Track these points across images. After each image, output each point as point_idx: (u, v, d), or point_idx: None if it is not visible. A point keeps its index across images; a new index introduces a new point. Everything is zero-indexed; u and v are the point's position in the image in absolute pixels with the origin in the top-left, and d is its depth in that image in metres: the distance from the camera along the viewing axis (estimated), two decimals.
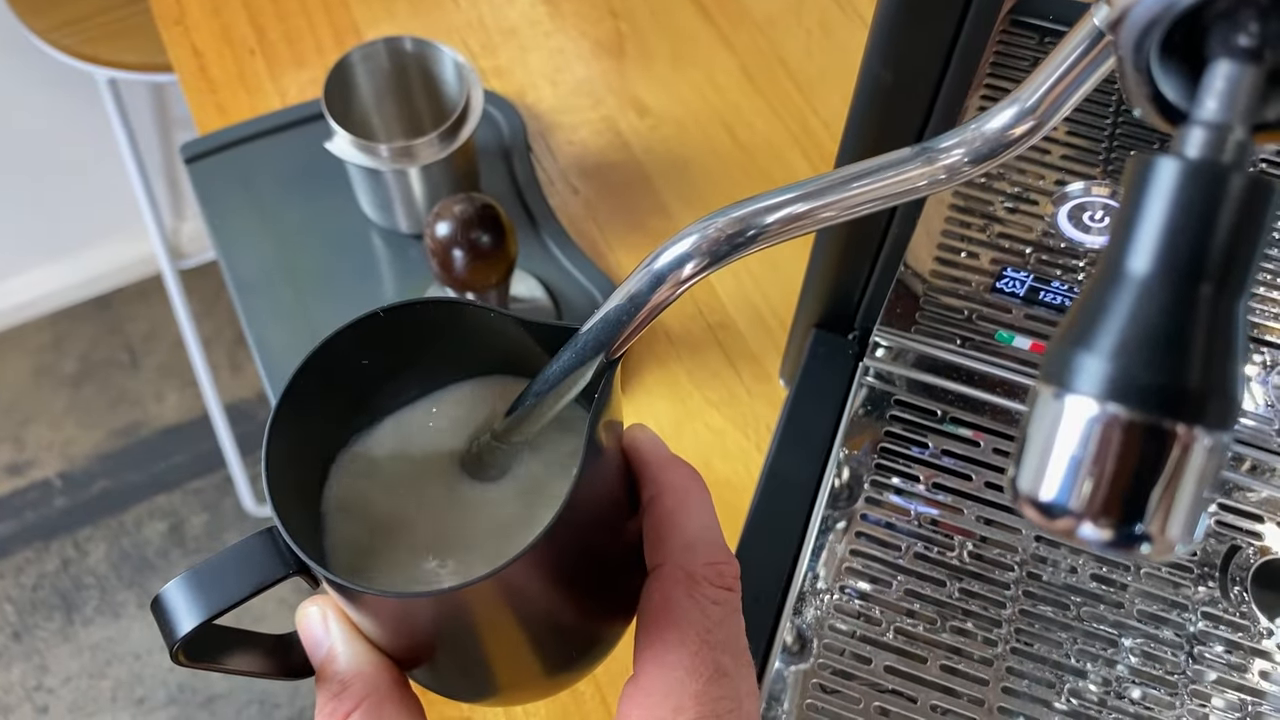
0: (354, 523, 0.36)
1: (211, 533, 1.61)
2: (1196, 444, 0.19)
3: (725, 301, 0.71)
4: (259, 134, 0.75)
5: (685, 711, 0.33)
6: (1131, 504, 0.19)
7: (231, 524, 1.61)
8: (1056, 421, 0.20)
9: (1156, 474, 0.19)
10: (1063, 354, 0.20)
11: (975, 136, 0.31)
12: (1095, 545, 0.20)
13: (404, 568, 0.35)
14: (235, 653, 0.35)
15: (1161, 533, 0.19)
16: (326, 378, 0.33)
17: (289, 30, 0.80)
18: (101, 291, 1.79)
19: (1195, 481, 0.19)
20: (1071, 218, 0.47)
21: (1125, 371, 0.19)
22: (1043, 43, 0.50)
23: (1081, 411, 0.20)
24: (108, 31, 1.15)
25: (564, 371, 0.33)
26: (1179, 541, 0.20)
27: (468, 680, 0.39)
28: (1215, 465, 0.19)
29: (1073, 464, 0.20)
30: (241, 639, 0.36)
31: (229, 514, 1.62)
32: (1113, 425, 0.19)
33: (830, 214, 0.31)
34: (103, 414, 1.70)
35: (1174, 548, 0.20)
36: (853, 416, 0.56)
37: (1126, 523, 0.19)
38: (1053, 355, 0.20)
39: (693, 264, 0.30)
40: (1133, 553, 0.20)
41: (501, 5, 0.83)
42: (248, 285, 0.71)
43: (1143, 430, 0.19)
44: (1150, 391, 0.19)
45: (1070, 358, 0.20)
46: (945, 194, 0.58)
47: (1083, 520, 0.20)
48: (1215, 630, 0.51)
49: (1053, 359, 0.20)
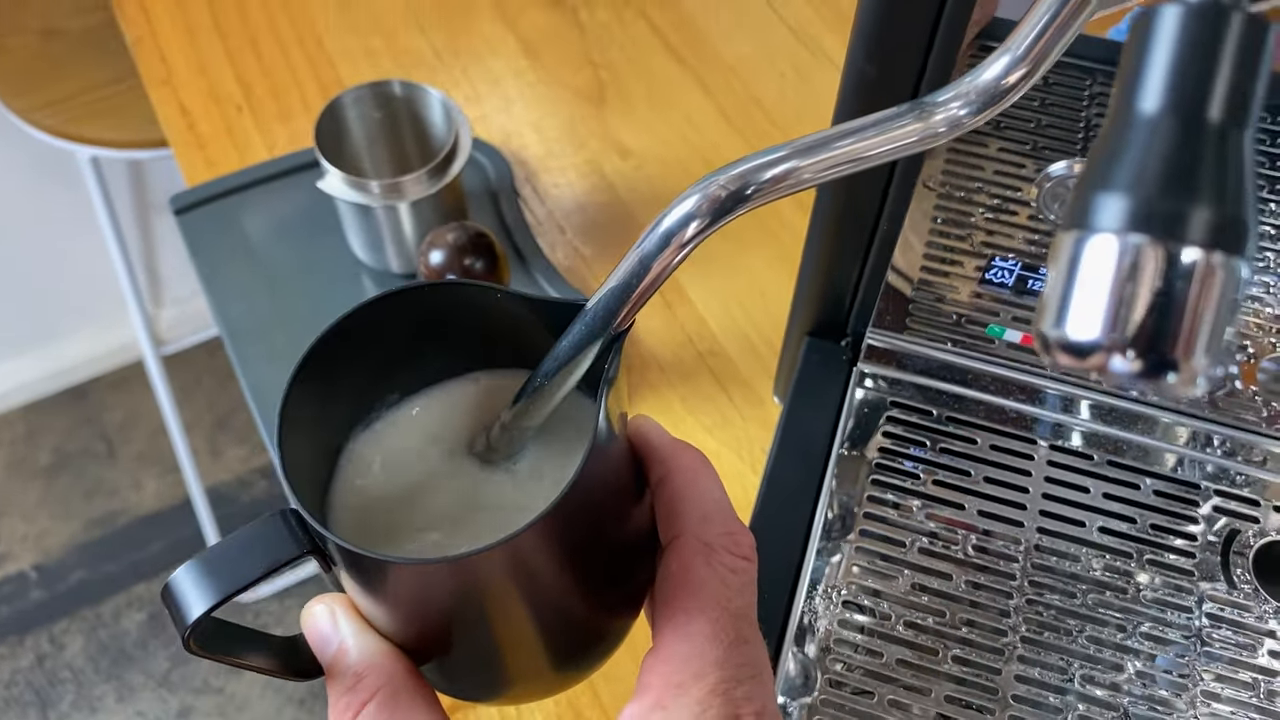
0: (362, 512, 0.36)
1: None
2: (1215, 268, 0.20)
3: (715, 330, 0.72)
4: (248, 184, 0.76)
5: (706, 677, 0.33)
6: (1157, 331, 0.20)
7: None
8: (1081, 262, 0.21)
9: (1179, 299, 0.20)
10: (1082, 199, 0.21)
11: (970, 89, 0.32)
12: (1126, 378, 0.20)
13: (412, 556, 0.34)
14: (245, 648, 0.35)
15: (1187, 359, 0.20)
16: (334, 366, 0.33)
17: (275, 86, 0.82)
18: (76, 382, 1.78)
19: (1215, 305, 0.20)
20: (1055, 198, 0.48)
21: (1143, 202, 0.20)
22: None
23: (1104, 247, 0.20)
24: (91, 110, 1.16)
25: (574, 346, 0.33)
26: (1204, 369, 0.20)
27: (477, 673, 0.38)
28: (1233, 290, 0.20)
29: (1099, 299, 0.20)
30: (251, 636, 0.35)
31: None
32: (1135, 255, 0.20)
33: (828, 168, 0.31)
34: (79, 504, 1.68)
35: (1199, 375, 0.20)
36: (849, 421, 0.57)
37: (1153, 350, 0.20)
38: (1073, 204, 0.21)
39: (696, 223, 0.31)
40: (1160, 383, 0.20)
41: (485, 57, 0.85)
42: (240, 331, 0.71)
43: (1164, 257, 0.20)
44: (1169, 219, 0.20)
45: (1089, 200, 0.21)
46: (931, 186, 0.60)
47: (1112, 354, 0.20)
48: (1221, 613, 0.52)
49: (1073, 207, 0.21)
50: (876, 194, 0.51)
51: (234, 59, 0.84)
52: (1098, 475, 0.55)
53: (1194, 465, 0.56)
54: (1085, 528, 0.54)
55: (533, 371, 0.34)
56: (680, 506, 0.35)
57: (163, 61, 0.83)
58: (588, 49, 0.86)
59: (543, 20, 0.87)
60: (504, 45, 0.86)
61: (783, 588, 0.52)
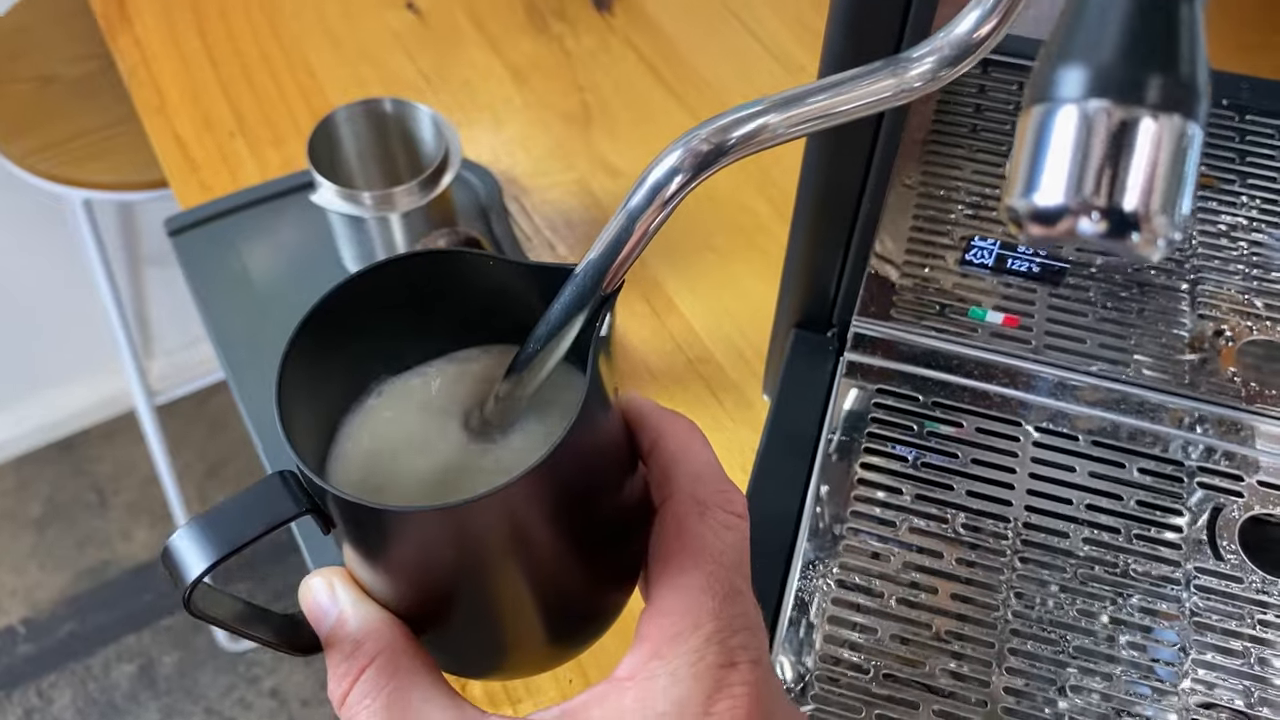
0: (356, 487, 0.36)
1: (183, 671, 1.56)
2: (1171, 130, 0.21)
3: (703, 337, 0.73)
4: (241, 206, 0.78)
5: (702, 627, 0.33)
6: (1118, 190, 0.21)
7: (205, 660, 1.56)
8: (1044, 132, 0.22)
9: (1138, 160, 0.21)
10: (1043, 73, 0.22)
11: (944, 44, 0.34)
12: (1093, 238, 0.21)
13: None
14: (243, 619, 0.35)
15: (1147, 218, 0.21)
16: (330, 336, 0.34)
17: (267, 112, 0.84)
18: (67, 434, 1.78)
19: (1172, 166, 0.21)
20: None
21: (1101, 70, 0.21)
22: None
23: (1066, 116, 0.22)
24: (84, 154, 1.18)
25: (566, 308, 0.34)
26: (1163, 230, 0.21)
27: (473, 642, 0.38)
28: (1188, 152, 0.21)
29: (1063, 165, 0.22)
30: (250, 608, 0.35)
31: (202, 650, 1.57)
32: (1095, 120, 0.21)
33: (805, 121, 0.32)
34: (69, 556, 1.67)
35: (1159, 236, 0.21)
36: (837, 409, 0.58)
37: (1115, 210, 0.21)
38: (1034, 79, 0.22)
39: (680, 177, 0.32)
40: (1125, 243, 0.21)
41: (473, 83, 0.87)
42: (234, 348, 0.72)
43: (1122, 120, 0.21)
44: (1126, 84, 0.21)
45: (1051, 73, 0.22)
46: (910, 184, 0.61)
47: (1079, 217, 0.21)
48: (1210, 584, 0.52)
49: (1034, 82, 0.22)
50: (855, 181, 0.52)
51: (227, 88, 0.85)
52: (1083, 455, 0.56)
53: (1178, 444, 0.57)
54: (1073, 505, 0.54)
55: (525, 339, 0.35)
56: (673, 469, 0.36)
57: (157, 91, 0.85)
58: (574, 74, 0.88)
59: (530, 48, 0.90)
60: (492, 72, 0.88)
61: (776, 569, 0.53)
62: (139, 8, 0.91)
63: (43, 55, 1.25)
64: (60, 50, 1.25)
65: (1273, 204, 0.64)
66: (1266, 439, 0.56)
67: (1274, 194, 0.65)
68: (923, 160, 0.65)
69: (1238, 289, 0.61)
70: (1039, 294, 0.58)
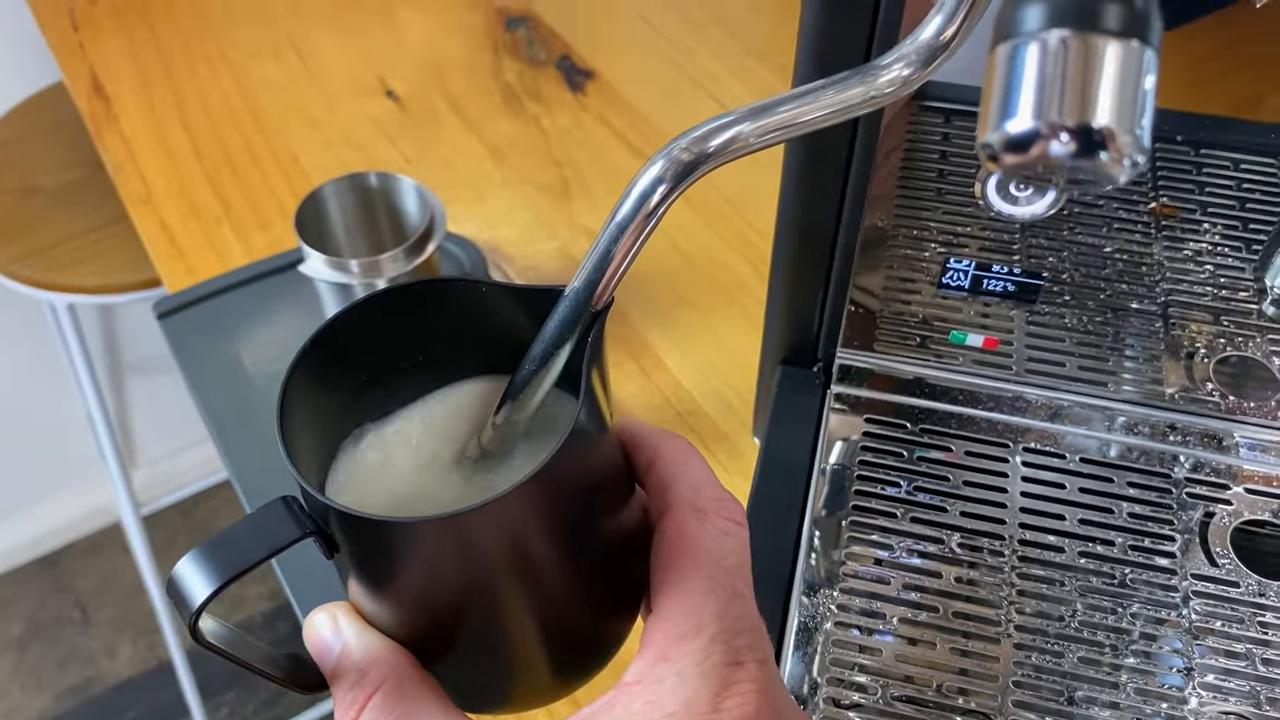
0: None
1: None
2: (1129, 53, 0.23)
3: (691, 390, 0.74)
4: (229, 286, 0.79)
5: (706, 628, 0.33)
6: (1084, 111, 0.23)
7: None
8: (1012, 65, 0.23)
9: (1100, 83, 0.23)
10: (1006, 14, 0.24)
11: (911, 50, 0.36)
12: (1064, 158, 0.23)
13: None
14: (249, 653, 0.35)
15: (1114, 136, 0.22)
16: (329, 368, 0.34)
17: (252, 199, 0.86)
18: (49, 550, 1.75)
19: (1133, 87, 0.23)
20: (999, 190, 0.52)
21: (1059, 3, 0.23)
22: None
23: (1031, 48, 0.23)
24: (66, 260, 1.19)
25: (559, 326, 0.35)
26: (1129, 148, 0.23)
27: (479, 673, 0.38)
28: (1146, 74, 0.23)
29: (1030, 92, 0.23)
30: (256, 644, 0.35)
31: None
32: (1058, 48, 0.23)
33: (779, 128, 0.34)
34: (51, 676, 1.63)
35: (1125, 154, 0.23)
36: (827, 441, 0.58)
37: (1083, 129, 0.23)
38: (999, 22, 0.24)
39: (664, 187, 0.33)
40: (1095, 162, 0.23)
41: (454, 162, 0.89)
42: (227, 428, 0.72)
43: (1083, 46, 0.23)
44: (1084, 12, 0.23)
45: (1012, 13, 0.24)
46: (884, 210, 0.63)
47: (1050, 140, 0.23)
48: (1207, 590, 0.53)
49: (999, 24, 0.24)
50: (831, 212, 0.54)
51: (212, 177, 0.87)
52: (1072, 472, 0.57)
53: (1164, 458, 0.57)
54: (1066, 521, 0.55)
55: (520, 362, 0.36)
56: (671, 482, 0.37)
57: (143, 183, 0.87)
58: (551, 150, 0.90)
59: (508, 129, 0.92)
60: (471, 151, 0.90)
61: (777, 600, 0.53)
62: (124, 105, 0.94)
63: (27, 167, 1.27)
64: (44, 161, 1.27)
65: (1233, 229, 0.67)
66: (1248, 448, 0.57)
67: (1234, 220, 0.67)
68: (894, 204, 0.67)
69: (1207, 309, 0.63)
70: (1016, 319, 0.59)
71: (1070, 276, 0.62)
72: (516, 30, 1.02)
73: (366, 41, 1.01)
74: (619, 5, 1.06)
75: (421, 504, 0.36)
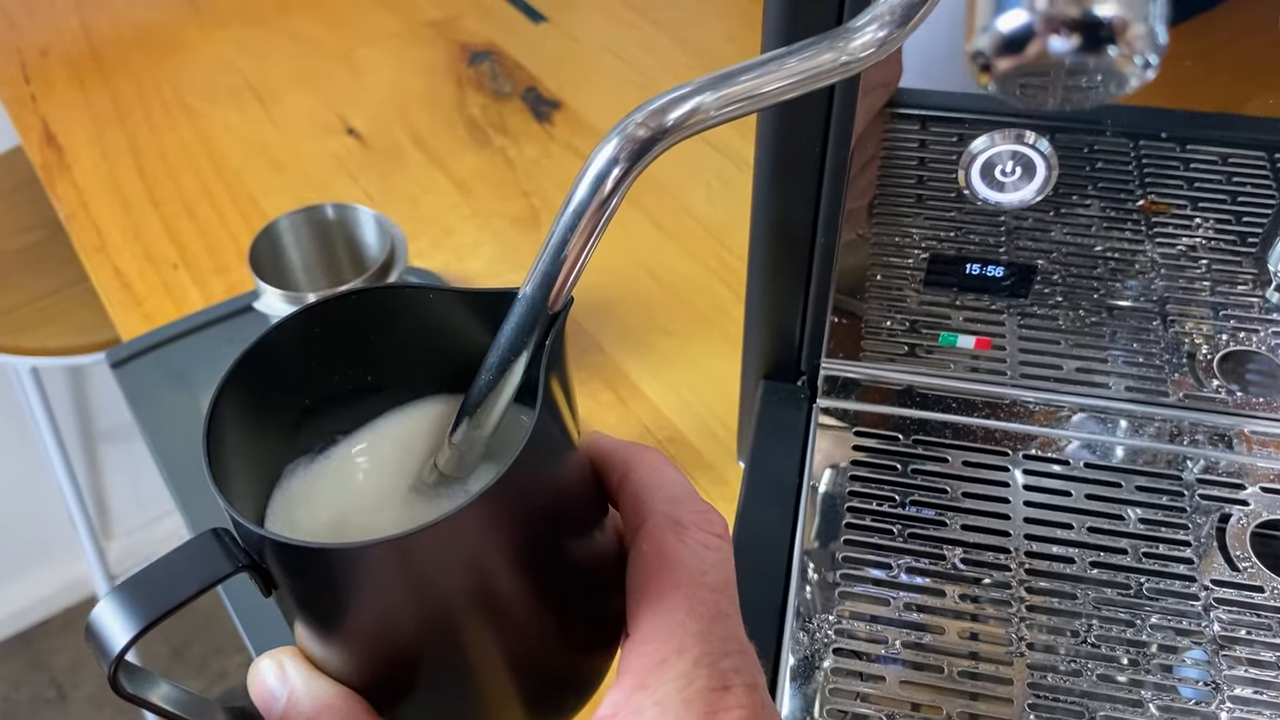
0: None
1: None
2: None
3: (672, 418, 0.71)
4: (185, 333, 0.75)
5: (688, 651, 0.30)
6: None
7: None
8: None
9: None
10: None
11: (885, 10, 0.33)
12: (1067, 53, 0.20)
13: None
14: (181, 705, 0.32)
15: (1125, 28, 0.19)
16: (260, 389, 0.31)
17: (210, 244, 0.83)
18: (23, 627, 1.70)
19: None
20: (984, 176, 0.49)
21: None
22: None
23: None
24: (28, 321, 1.16)
25: (516, 329, 0.32)
26: (1143, 44, 0.20)
27: (438, 717, 0.34)
28: None
29: None
30: (190, 695, 0.32)
31: None
32: None
33: (745, 99, 0.31)
34: None
35: (1137, 50, 0.20)
36: (816, 459, 0.55)
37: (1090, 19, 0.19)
38: None
39: (620, 167, 0.30)
40: (1102, 58, 0.20)
41: (417, 196, 0.86)
42: (178, 468, 0.69)
43: None
44: None
45: None
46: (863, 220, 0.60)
47: (1048, 35, 0.20)
48: (1228, 595, 0.49)
49: None
50: (807, 214, 0.51)
51: (168, 223, 0.84)
52: (1077, 479, 0.53)
53: (1173, 459, 0.54)
54: (1074, 530, 0.51)
55: (475, 373, 0.32)
56: (646, 495, 0.33)
57: (96, 231, 0.84)
58: (519, 181, 0.88)
59: (473, 161, 0.90)
60: (436, 185, 0.87)
61: (770, 627, 0.49)
62: (77, 154, 0.91)
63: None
64: (4, 223, 1.25)
65: (1226, 224, 0.64)
66: (1261, 444, 0.54)
67: (1226, 214, 0.64)
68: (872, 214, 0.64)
69: (1207, 305, 0.60)
70: (1008, 322, 0.56)
71: (1060, 277, 0.59)
72: (480, 64, 1.00)
73: (327, 83, 0.99)
74: (584, 37, 1.04)
75: (373, 536, 0.33)
